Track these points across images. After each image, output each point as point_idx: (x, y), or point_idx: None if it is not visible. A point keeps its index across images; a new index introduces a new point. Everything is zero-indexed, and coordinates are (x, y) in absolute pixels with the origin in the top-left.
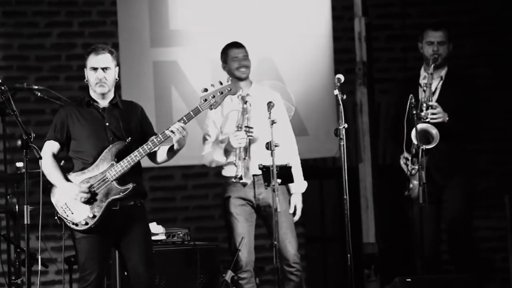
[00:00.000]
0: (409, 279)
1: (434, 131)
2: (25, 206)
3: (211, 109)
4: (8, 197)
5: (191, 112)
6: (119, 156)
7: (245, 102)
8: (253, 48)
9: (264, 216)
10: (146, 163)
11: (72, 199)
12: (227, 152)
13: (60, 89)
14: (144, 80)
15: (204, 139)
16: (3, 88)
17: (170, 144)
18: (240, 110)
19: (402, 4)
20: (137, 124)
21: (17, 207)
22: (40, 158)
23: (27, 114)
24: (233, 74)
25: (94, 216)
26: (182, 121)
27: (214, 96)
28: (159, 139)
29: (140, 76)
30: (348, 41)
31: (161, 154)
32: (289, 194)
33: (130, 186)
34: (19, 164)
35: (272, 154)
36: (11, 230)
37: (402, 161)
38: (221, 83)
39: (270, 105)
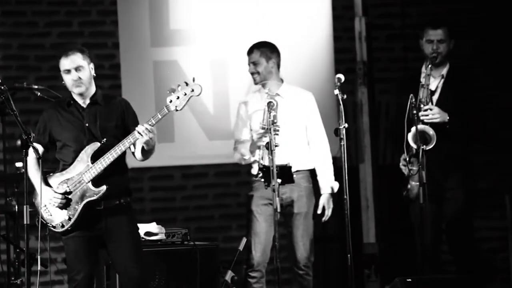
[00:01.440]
0: (410, 279)
1: (431, 132)
2: (24, 206)
3: (177, 110)
4: (7, 199)
5: (158, 114)
6: (96, 157)
7: (271, 101)
8: None
9: (285, 218)
10: (146, 162)
11: (49, 203)
12: (252, 150)
13: (60, 89)
14: (145, 80)
15: (235, 142)
16: (2, 87)
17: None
18: (266, 109)
19: (402, 4)
20: (117, 121)
21: (16, 207)
22: (40, 158)
23: (27, 114)
24: None
25: (69, 219)
26: (150, 123)
27: (178, 98)
28: (129, 140)
29: (141, 76)
30: (348, 40)
31: (138, 153)
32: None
33: (104, 188)
34: (19, 164)
35: (272, 154)
36: (10, 230)
37: (401, 163)
38: (186, 84)
39: (270, 105)
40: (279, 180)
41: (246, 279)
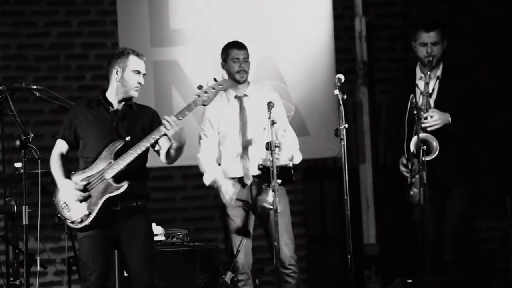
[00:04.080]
0: (410, 280)
1: (434, 143)
2: (23, 207)
3: (204, 105)
4: (6, 199)
5: (184, 109)
6: (119, 155)
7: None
8: (254, 47)
9: (262, 218)
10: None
11: (70, 198)
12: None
13: (59, 89)
14: (145, 79)
15: (200, 138)
16: (1, 88)
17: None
18: (237, 112)
19: (402, 3)
20: (144, 127)
21: (15, 207)
22: (39, 158)
23: (26, 114)
24: (231, 75)
25: (89, 214)
26: (176, 117)
27: (206, 92)
28: (153, 136)
29: None
30: (348, 40)
31: (163, 154)
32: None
33: (125, 183)
34: (18, 165)
35: (272, 155)
36: (9, 231)
37: (401, 167)
38: (215, 80)
39: (270, 105)
40: (279, 181)
41: (236, 284)
